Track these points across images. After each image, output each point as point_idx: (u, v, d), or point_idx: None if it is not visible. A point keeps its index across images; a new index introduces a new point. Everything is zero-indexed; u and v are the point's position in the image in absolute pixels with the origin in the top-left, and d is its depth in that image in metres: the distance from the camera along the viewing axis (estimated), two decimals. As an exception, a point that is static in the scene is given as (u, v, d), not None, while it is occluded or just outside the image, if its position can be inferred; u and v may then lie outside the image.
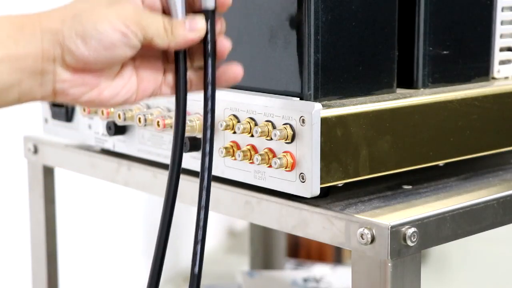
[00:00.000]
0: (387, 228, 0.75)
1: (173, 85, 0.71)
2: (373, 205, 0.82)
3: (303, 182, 0.79)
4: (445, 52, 0.94)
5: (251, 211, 0.87)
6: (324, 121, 0.79)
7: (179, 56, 0.70)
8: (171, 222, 0.70)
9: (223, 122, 0.85)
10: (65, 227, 1.52)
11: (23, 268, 1.65)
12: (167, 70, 0.72)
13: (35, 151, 1.17)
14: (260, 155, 0.82)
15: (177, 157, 0.70)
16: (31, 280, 1.22)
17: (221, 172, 0.88)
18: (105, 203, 2.13)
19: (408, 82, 0.93)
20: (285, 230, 0.85)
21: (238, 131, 0.84)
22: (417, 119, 0.87)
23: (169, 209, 0.70)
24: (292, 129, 0.79)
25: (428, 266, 2.50)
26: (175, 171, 0.70)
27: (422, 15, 0.91)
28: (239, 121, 0.85)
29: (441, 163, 0.91)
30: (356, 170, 0.82)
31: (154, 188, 0.99)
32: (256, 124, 0.83)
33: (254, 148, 0.84)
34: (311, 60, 0.82)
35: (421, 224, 0.78)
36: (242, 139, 0.85)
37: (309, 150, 0.78)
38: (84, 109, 1.04)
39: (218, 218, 2.66)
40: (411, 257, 0.78)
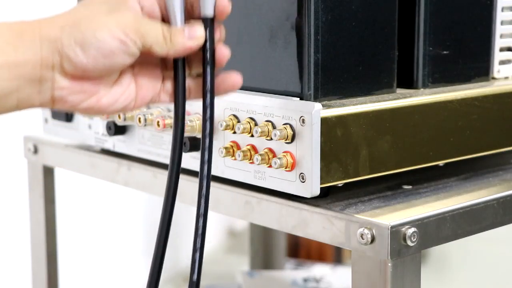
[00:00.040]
0: (387, 228, 0.75)
1: (171, 93, 0.71)
2: (373, 205, 0.82)
3: (303, 182, 0.79)
4: (445, 52, 0.94)
5: (251, 211, 0.87)
6: (324, 121, 0.79)
7: (178, 63, 0.70)
8: (171, 222, 0.70)
9: (223, 122, 0.85)
10: (65, 227, 1.52)
11: (23, 268, 1.65)
12: (165, 78, 0.71)
13: (35, 151, 1.17)
14: (260, 155, 0.81)
15: (174, 170, 0.70)
16: (31, 280, 1.22)
17: (221, 172, 0.88)
18: (105, 203, 2.12)
19: (408, 82, 0.93)
20: (285, 230, 0.85)
21: (238, 131, 0.83)
22: (417, 119, 0.87)
23: (169, 209, 0.70)
24: (292, 129, 0.79)
25: (428, 266, 2.50)
26: (173, 177, 0.70)
27: (422, 15, 0.91)
28: (239, 121, 0.84)
29: (441, 163, 0.91)
30: (356, 170, 0.82)
31: (154, 188, 0.99)
32: (256, 124, 0.83)
33: (254, 148, 0.84)
34: (311, 60, 0.82)
35: (421, 224, 0.78)
36: (242, 139, 0.85)
37: (309, 150, 0.78)
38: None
39: (218, 218, 2.66)
40: (411, 257, 0.78)
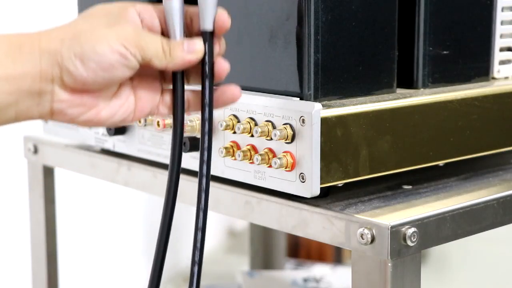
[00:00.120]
0: (387, 228, 0.75)
1: (170, 105, 0.71)
2: (373, 205, 0.82)
3: (303, 182, 0.79)
4: (445, 52, 0.94)
5: (251, 211, 0.87)
6: (324, 121, 0.79)
7: (177, 76, 0.70)
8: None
9: (223, 122, 0.85)
10: (65, 227, 1.52)
11: (23, 268, 1.65)
12: (164, 90, 0.71)
13: (35, 151, 1.17)
14: (260, 155, 0.81)
15: (173, 184, 0.70)
16: (31, 280, 1.22)
17: (221, 172, 0.88)
18: (105, 203, 2.12)
19: (408, 82, 0.93)
20: (285, 230, 0.85)
21: (238, 131, 0.83)
22: (417, 119, 0.87)
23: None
24: (292, 129, 0.79)
25: (428, 266, 2.50)
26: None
27: (422, 15, 0.91)
28: (239, 121, 0.84)
29: (441, 163, 0.91)
30: (356, 170, 0.82)
31: (154, 188, 0.99)
32: (256, 124, 0.83)
33: (254, 148, 0.84)
34: (311, 60, 0.82)
35: (421, 224, 0.78)
36: (242, 139, 0.85)
37: (309, 150, 0.78)
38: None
39: (218, 218, 2.66)
40: (411, 257, 0.78)
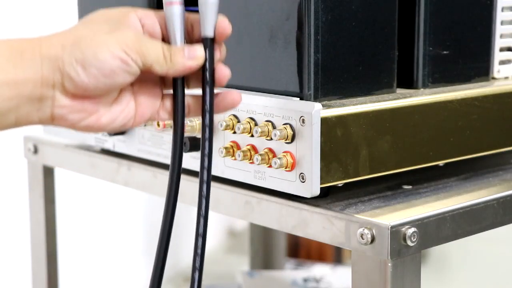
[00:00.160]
0: (387, 228, 0.75)
1: (170, 110, 0.71)
2: (373, 205, 0.82)
3: (303, 182, 0.79)
4: (445, 52, 0.94)
5: (251, 211, 0.87)
6: (324, 121, 0.78)
7: (177, 82, 0.70)
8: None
9: (223, 122, 0.85)
10: (65, 227, 1.52)
11: (23, 268, 1.65)
12: (165, 95, 0.71)
13: (35, 151, 1.17)
14: (260, 155, 0.81)
15: (173, 191, 0.70)
16: (31, 280, 1.22)
17: (221, 172, 0.88)
18: (105, 203, 2.12)
19: (408, 82, 0.93)
20: (285, 230, 0.85)
21: (238, 131, 0.83)
22: (417, 119, 0.87)
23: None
24: (292, 129, 0.79)
25: (428, 266, 2.50)
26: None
27: (422, 15, 0.91)
28: (239, 121, 0.84)
29: (441, 163, 0.91)
30: (356, 170, 0.82)
31: (154, 188, 0.99)
32: (256, 124, 0.83)
33: (254, 148, 0.84)
34: (311, 60, 0.82)
35: (421, 224, 0.78)
36: (242, 139, 0.85)
37: (309, 150, 0.78)
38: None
39: (218, 218, 2.66)
40: (411, 257, 0.78)
